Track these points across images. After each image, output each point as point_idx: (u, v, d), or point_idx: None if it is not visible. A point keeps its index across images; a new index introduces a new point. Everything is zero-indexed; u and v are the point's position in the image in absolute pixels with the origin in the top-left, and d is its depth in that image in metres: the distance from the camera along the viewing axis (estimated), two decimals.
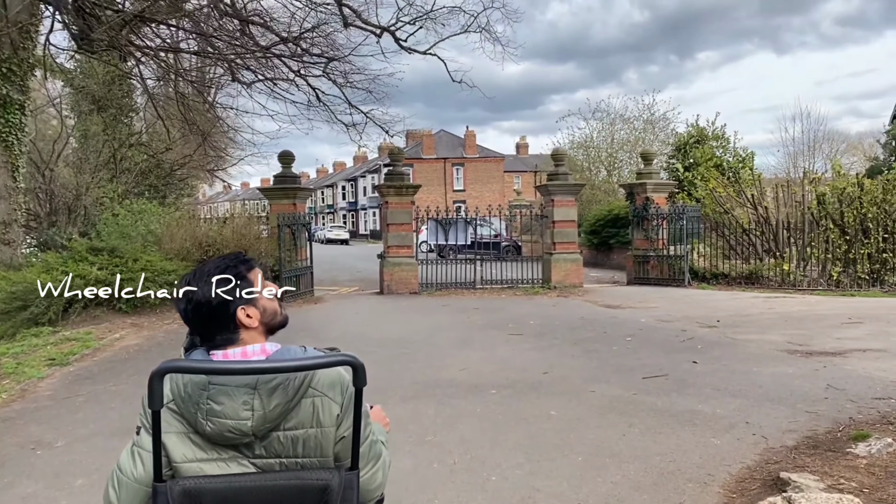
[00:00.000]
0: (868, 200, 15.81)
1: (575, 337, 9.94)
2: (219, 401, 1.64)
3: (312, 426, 1.68)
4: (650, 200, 18.33)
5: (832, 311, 12.10)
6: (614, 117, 32.02)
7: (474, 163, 64.23)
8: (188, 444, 1.67)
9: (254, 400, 1.64)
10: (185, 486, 1.60)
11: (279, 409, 1.66)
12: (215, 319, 1.75)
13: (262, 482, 1.64)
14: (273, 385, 1.65)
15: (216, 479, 1.63)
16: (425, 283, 17.11)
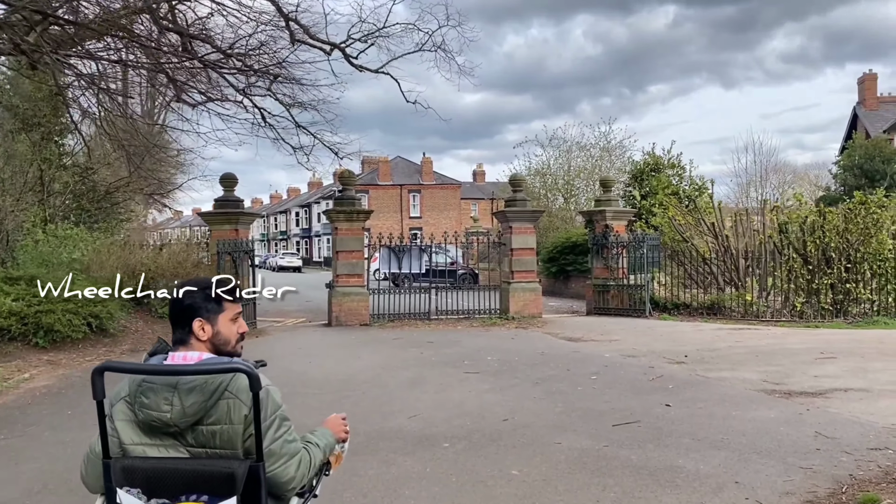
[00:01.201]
0: (830, 229, 15.52)
1: (536, 375, 9.15)
2: (147, 396, 2.00)
3: (226, 423, 1.99)
4: (610, 228, 17.80)
5: (802, 344, 11.58)
6: (571, 145, 31.81)
7: (431, 189, 63.66)
8: (136, 430, 2.04)
9: (173, 397, 1.98)
10: (124, 464, 1.99)
11: (196, 407, 1.98)
12: (179, 320, 2.16)
13: (180, 466, 1.97)
14: (190, 386, 1.99)
15: (146, 461, 2.00)
16: (377, 314, 16.19)
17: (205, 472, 1.96)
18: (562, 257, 25.72)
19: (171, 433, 2.02)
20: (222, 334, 2.19)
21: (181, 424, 1.99)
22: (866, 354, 10.29)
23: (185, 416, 1.99)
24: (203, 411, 2.00)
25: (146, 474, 1.97)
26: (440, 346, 12.07)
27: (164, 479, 1.96)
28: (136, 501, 1.98)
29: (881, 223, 15.36)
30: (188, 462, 1.99)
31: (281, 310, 20.45)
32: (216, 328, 2.18)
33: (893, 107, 36.80)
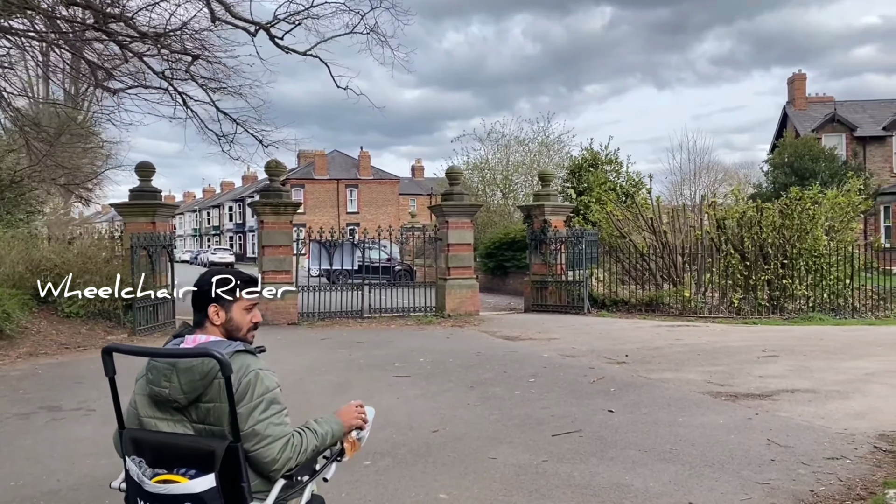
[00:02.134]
0: (767, 225, 15.44)
1: (471, 378, 8.53)
2: (152, 373, 2.27)
3: (218, 401, 2.18)
4: (548, 223, 17.38)
5: (742, 342, 11.32)
6: (509, 139, 31.37)
7: (369, 185, 62.60)
8: (150, 404, 2.29)
9: (172, 375, 2.21)
10: (133, 435, 2.24)
11: (191, 385, 2.19)
12: (198, 304, 2.40)
13: (177, 441, 2.19)
14: (186, 367, 2.21)
15: (153, 434, 2.24)
16: (306, 313, 15.33)
17: (193, 448, 2.13)
18: (500, 253, 25.28)
19: (178, 408, 2.22)
20: (235, 321, 2.39)
21: (180, 400, 2.19)
22: (808, 353, 10.06)
23: (181, 392, 2.18)
24: (200, 389, 2.18)
25: (151, 446, 2.17)
26: (371, 346, 11.35)
27: (164, 452, 2.15)
28: (136, 469, 2.16)
29: (816, 219, 15.36)
30: (182, 438, 2.18)
31: None
32: (230, 315, 2.39)
33: (821, 107, 37.73)
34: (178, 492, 2.08)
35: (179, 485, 2.08)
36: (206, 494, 2.07)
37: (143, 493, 2.15)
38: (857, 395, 7.40)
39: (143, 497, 2.15)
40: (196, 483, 2.07)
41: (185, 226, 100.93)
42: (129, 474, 2.21)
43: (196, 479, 2.07)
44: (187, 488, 2.07)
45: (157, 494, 2.12)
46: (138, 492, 2.17)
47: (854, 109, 37.56)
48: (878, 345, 10.81)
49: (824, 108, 37.81)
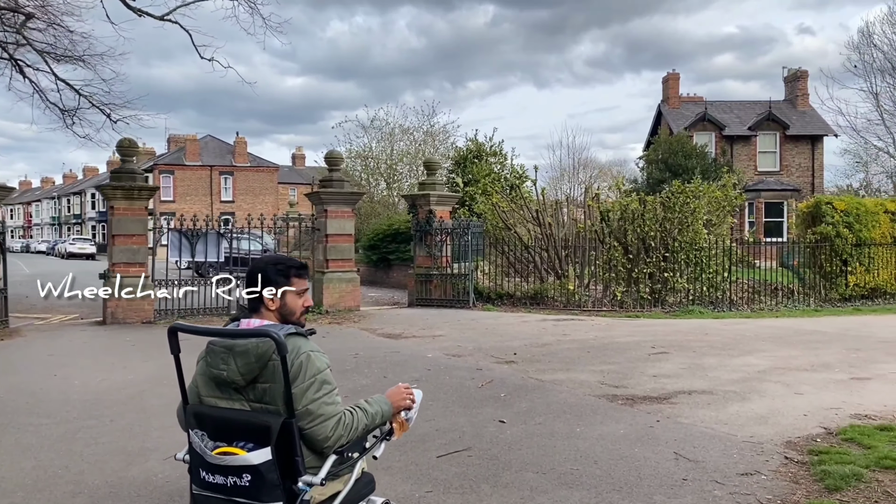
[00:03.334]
0: (650, 218, 15.37)
1: (346, 386, 7.55)
2: (210, 357, 2.42)
3: (273, 382, 2.31)
4: (433, 214, 16.60)
5: (630, 337, 10.98)
6: (394, 127, 30.37)
7: (245, 172, 59.70)
8: (210, 384, 2.45)
9: (228, 359, 2.35)
10: (195, 410, 2.42)
11: (247, 367, 2.32)
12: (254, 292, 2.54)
13: (235, 416, 2.33)
14: (242, 350, 2.33)
15: (213, 409, 2.40)
16: (165, 311, 13.75)
17: (250, 423, 2.29)
18: (383, 245, 24.36)
19: (236, 389, 2.38)
20: (288, 305, 2.56)
21: (238, 382, 2.34)
22: (697, 349, 9.79)
23: (239, 374, 2.33)
24: (256, 371, 2.32)
25: (212, 421, 2.34)
26: None
27: (223, 426, 2.32)
28: (199, 441, 2.31)
29: (697, 212, 15.45)
30: (241, 413, 2.34)
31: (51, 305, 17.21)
32: (284, 300, 2.55)
33: (693, 106, 39.25)
34: (237, 463, 2.21)
35: (238, 457, 2.21)
36: (263, 466, 2.20)
37: (205, 464, 2.28)
38: (755, 395, 7.04)
39: (206, 468, 2.28)
40: (254, 455, 2.20)
41: (41, 214, 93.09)
42: (192, 446, 2.35)
43: (254, 452, 2.20)
44: (246, 460, 2.21)
45: (218, 465, 2.25)
46: (201, 462, 2.30)
47: (722, 109, 39.36)
48: (761, 339, 10.75)
49: (696, 107, 39.38)
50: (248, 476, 2.20)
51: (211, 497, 2.29)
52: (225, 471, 2.23)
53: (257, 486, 2.19)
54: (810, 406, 6.61)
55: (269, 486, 2.19)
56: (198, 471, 2.31)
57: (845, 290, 16.09)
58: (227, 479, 2.23)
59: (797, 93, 38.50)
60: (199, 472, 2.30)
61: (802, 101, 38.39)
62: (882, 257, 16.43)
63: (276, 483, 2.20)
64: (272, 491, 2.20)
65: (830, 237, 16.03)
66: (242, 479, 2.20)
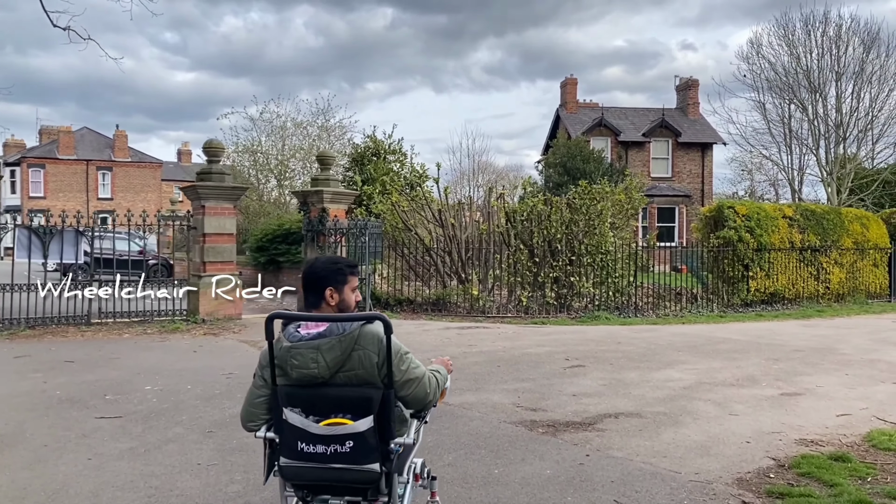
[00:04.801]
0: (556, 220, 14.68)
1: (212, 416, 6.20)
2: (297, 358, 2.53)
3: (359, 369, 2.53)
4: (327, 212, 15.25)
5: (540, 348, 10.11)
6: (286, 120, 28.55)
7: (126, 168, 55.60)
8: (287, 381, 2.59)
9: (318, 356, 2.52)
10: (288, 390, 2.56)
11: (336, 360, 2.52)
12: (314, 287, 2.76)
13: (330, 392, 2.53)
14: (328, 346, 2.53)
15: (305, 389, 2.55)
16: (6, 320, 11.75)
17: (349, 396, 2.51)
18: (273, 246, 22.66)
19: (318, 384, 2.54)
20: (345, 301, 2.80)
21: (325, 376, 2.53)
22: (613, 361, 9.01)
23: (328, 369, 2.52)
24: (341, 363, 2.53)
25: (305, 399, 2.52)
26: (83, 367, 8.44)
27: (317, 402, 2.51)
28: (298, 416, 2.50)
29: (604, 215, 14.91)
30: (336, 389, 2.52)
31: None
32: (342, 296, 2.79)
33: (590, 111, 39.60)
34: (345, 431, 2.47)
35: (347, 426, 2.47)
36: (367, 432, 2.48)
37: (306, 436, 2.49)
38: (687, 418, 6.25)
39: (307, 439, 2.49)
40: (360, 423, 2.47)
41: None
42: (287, 423, 2.52)
43: (360, 420, 2.46)
44: (354, 428, 2.47)
45: (323, 435, 2.47)
46: (300, 435, 2.50)
47: (618, 116, 39.91)
48: (676, 349, 10.14)
49: (593, 112, 39.76)
50: (351, 442, 2.45)
51: (306, 467, 2.51)
52: (329, 440, 2.46)
53: (359, 451, 2.45)
54: (750, 430, 5.87)
55: (370, 449, 2.47)
56: (294, 443, 2.50)
57: (747, 295, 16.01)
58: (329, 448, 2.46)
59: (688, 101, 39.58)
60: (296, 444, 2.50)
61: (693, 110, 39.53)
62: (780, 262, 16.49)
63: (374, 446, 2.47)
64: (371, 453, 2.47)
65: (733, 242, 15.90)
66: (344, 446, 2.46)
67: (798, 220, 17.24)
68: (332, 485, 2.54)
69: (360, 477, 2.49)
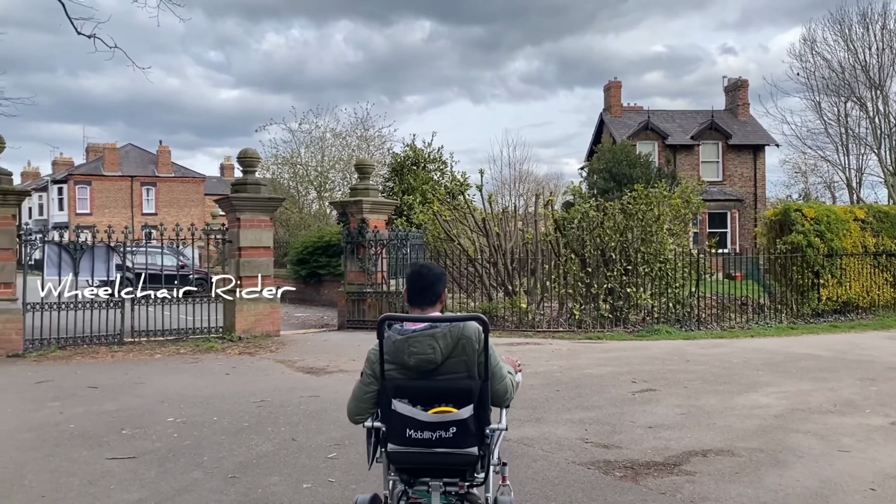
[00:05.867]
0: (610, 227, 13.72)
1: (238, 456, 5.46)
2: (415, 345, 2.79)
3: (463, 356, 2.80)
4: (367, 223, 14.57)
5: (602, 368, 9.19)
6: (325, 131, 28.07)
7: (169, 183, 56.17)
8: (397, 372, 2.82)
9: (434, 343, 2.79)
10: (396, 384, 2.80)
11: (448, 347, 2.79)
12: (431, 289, 3.01)
13: (434, 385, 2.79)
14: (441, 334, 2.80)
15: (412, 381, 2.81)
16: (38, 340, 11.26)
17: (452, 388, 2.77)
18: (313, 259, 22.14)
19: (429, 370, 2.80)
20: (445, 302, 3.14)
21: (439, 360, 2.78)
22: (686, 383, 8.05)
23: (442, 354, 2.78)
24: (451, 349, 2.79)
25: (411, 391, 2.78)
26: (105, 394, 7.82)
27: (423, 394, 2.77)
28: (407, 406, 2.75)
29: (662, 220, 13.89)
30: (440, 382, 2.79)
31: None
32: (444, 297, 3.12)
33: (636, 115, 38.38)
34: (451, 418, 2.72)
35: (453, 413, 2.72)
36: (469, 419, 2.73)
37: (415, 423, 2.74)
38: (790, 456, 5.29)
39: (415, 426, 2.74)
40: (463, 411, 2.72)
41: None
42: (396, 412, 2.76)
43: (463, 409, 2.72)
44: (458, 415, 2.73)
45: (431, 422, 2.73)
46: (408, 423, 2.75)
47: (664, 119, 38.62)
48: (754, 368, 9.11)
49: (638, 116, 38.54)
50: (454, 428, 2.74)
51: (413, 451, 2.78)
52: (435, 426, 2.74)
53: (461, 436, 2.74)
54: (869, 472, 4.90)
55: (470, 434, 2.75)
56: (403, 430, 2.76)
57: (818, 304, 14.77)
58: (434, 434, 2.74)
59: (738, 102, 38.11)
60: (404, 431, 2.76)
61: (743, 111, 38.02)
62: (853, 268, 15.22)
63: (474, 432, 2.76)
64: (471, 438, 2.76)
65: (801, 247, 14.71)
66: (448, 432, 2.74)
67: (871, 223, 15.93)
68: (434, 468, 2.81)
69: (460, 460, 2.78)
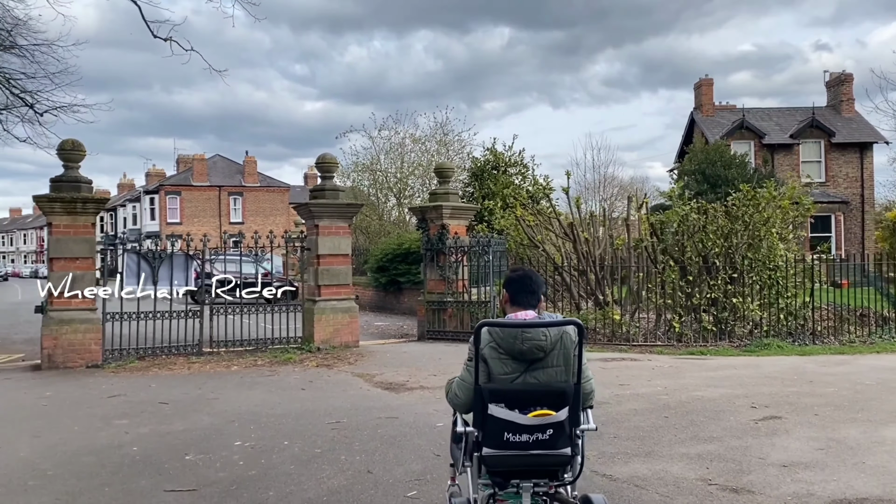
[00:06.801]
0: (714, 231, 12.56)
1: (305, 493, 4.82)
2: (529, 332, 2.95)
3: (563, 350, 2.98)
4: (447, 229, 13.93)
5: (713, 389, 8.15)
6: (404, 136, 27.71)
7: (255, 192, 57.49)
8: (504, 362, 2.98)
9: (546, 331, 2.97)
10: (492, 387, 2.94)
11: (555, 337, 2.97)
12: (535, 290, 3.23)
13: (529, 388, 2.94)
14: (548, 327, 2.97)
15: (508, 384, 2.95)
16: (117, 350, 11.11)
17: (547, 390, 2.92)
18: (393, 266, 21.71)
19: (531, 360, 2.97)
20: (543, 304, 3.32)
21: (548, 348, 2.96)
22: (817, 409, 6.95)
23: (550, 343, 2.96)
24: (557, 340, 2.98)
25: (507, 395, 2.90)
26: (175, 412, 7.40)
27: (519, 397, 2.90)
28: (504, 410, 2.87)
29: (771, 223, 12.62)
30: (535, 385, 2.94)
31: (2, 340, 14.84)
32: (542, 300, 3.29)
33: (729, 114, 36.42)
34: (550, 420, 2.88)
35: (551, 416, 2.88)
36: (565, 421, 2.91)
37: (513, 426, 2.88)
38: None
39: (513, 429, 2.88)
40: (561, 413, 2.89)
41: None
42: (493, 417, 2.89)
43: (561, 411, 2.88)
44: (556, 417, 2.89)
45: (530, 425, 2.87)
46: (506, 426, 2.88)
47: (760, 117, 36.49)
48: (893, 392, 7.89)
49: (731, 115, 36.55)
50: (551, 430, 2.89)
51: (509, 454, 2.91)
52: (533, 429, 2.88)
53: (557, 437, 2.90)
54: None
55: (565, 435, 2.93)
56: (501, 434, 2.89)
57: None
58: (532, 436, 2.88)
59: (841, 98, 35.55)
60: (502, 435, 2.89)
61: (847, 107, 35.44)
62: None
63: (568, 433, 2.93)
64: (565, 439, 2.93)
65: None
66: (545, 433, 2.89)
67: None
68: (527, 469, 2.95)
69: (554, 460, 2.97)
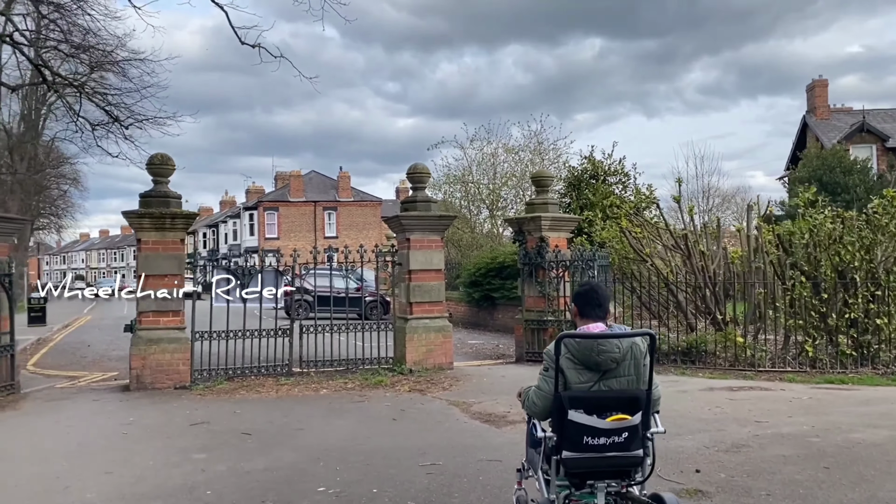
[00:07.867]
0: (851, 242, 11.07)
1: None
2: (605, 345, 3.20)
3: (633, 360, 3.25)
4: (546, 242, 12.97)
5: (873, 430, 6.83)
6: (496, 146, 26.91)
7: (348, 207, 58.15)
8: (579, 372, 3.23)
9: (619, 342, 3.22)
10: (570, 395, 3.19)
11: (626, 347, 3.23)
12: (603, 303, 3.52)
13: (605, 395, 3.20)
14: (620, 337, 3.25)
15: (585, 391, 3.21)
16: (205, 371, 10.76)
17: (621, 397, 3.19)
18: (486, 281, 20.89)
19: (604, 370, 3.23)
20: None
21: (620, 359, 3.21)
22: None
23: (622, 354, 3.21)
24: (628, 350, 3.23)
25: (585, 401, 3.15)
26: (258, 444, 6.81)
27: (596, 403, 3.15)
28: (582, 415, 3.12)
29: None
30: (610, 392, 3.20)
31: (101, 357, 14.94)
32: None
33: (845, 116, 33.81)
34: (626, 424, 3.14)
35: (628, 420, 3.14)
36: (639, 424, 3.17)
37: (592, 430, 3.12)
38: None
39: (591, 433, 3.12)
40: (636, 417, 3.15)
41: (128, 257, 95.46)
42: (573, 422, 3.14)
43: (636, 415, 3.15)
44: (632, 421, 3.15)
45: (608, 429, 3.12)
46: (585, 430, 3.13)
47: (882, 118, 33.68)
48: None
49: (849, 117, 33.94)
50: (626, 433, 3.14)
51: (587, 457, 3.15)
52: (610, 433, 3.11)
53: (631, 440, 3.15)
54: None
55: (638, 438, 3.18)
56: (580, 438, 3.13)
57: None
58: (609, 439, 3.12)
59: None
60: (581, 438, 3.13)
61: None
62: None
63: (641, 436, 3.20)
64: (638, 441, 3.19)
65: None
66: (620, 437, 3.14)
67: None
68: (602, 471, 3.21)
69: (629, 461, 3.22)
